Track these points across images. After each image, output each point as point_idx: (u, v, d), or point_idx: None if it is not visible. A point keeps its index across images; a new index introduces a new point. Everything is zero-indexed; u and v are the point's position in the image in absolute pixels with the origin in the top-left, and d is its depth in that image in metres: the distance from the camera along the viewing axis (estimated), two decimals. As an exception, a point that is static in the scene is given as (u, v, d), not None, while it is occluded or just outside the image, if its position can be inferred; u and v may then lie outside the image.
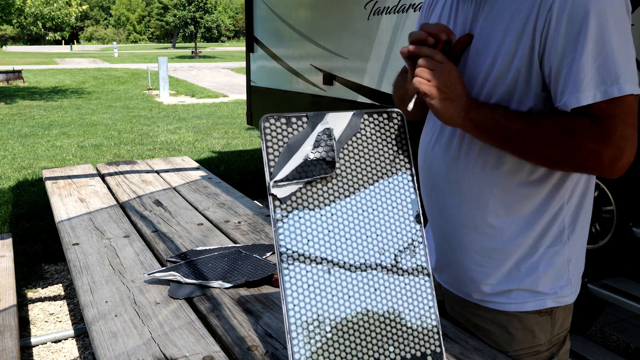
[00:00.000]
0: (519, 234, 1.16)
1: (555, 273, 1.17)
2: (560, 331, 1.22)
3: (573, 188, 1.15)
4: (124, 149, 7.96)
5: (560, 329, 1.22)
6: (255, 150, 7.90)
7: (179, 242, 2.02)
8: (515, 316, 1.19)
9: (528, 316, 1.18)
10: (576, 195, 1.16)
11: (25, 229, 4.50)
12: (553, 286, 1.17)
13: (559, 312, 1.20)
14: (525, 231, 1.16)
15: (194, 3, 51.11)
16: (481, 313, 1.24)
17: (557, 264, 1.17)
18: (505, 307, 1.19)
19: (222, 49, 59.51)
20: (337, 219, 1.08)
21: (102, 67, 27.98)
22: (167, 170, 3.20)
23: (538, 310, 1.18)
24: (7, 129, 9.57)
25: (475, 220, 1.19)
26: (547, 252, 1.16)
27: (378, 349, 1.05)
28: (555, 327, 1.21)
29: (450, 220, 1.24)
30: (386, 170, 1.13)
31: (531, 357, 1.21)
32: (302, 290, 1.03)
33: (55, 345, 2.88)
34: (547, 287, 1.17)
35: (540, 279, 1.17)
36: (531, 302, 1.18)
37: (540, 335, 1.19)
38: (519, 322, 1.19)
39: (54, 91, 16.24)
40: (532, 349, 1.20)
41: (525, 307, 1.18)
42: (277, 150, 1.08)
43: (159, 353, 1.25)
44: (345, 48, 3.62)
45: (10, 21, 15.19)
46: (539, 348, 1.20)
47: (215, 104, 13.59)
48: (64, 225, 2.20)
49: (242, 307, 1.49)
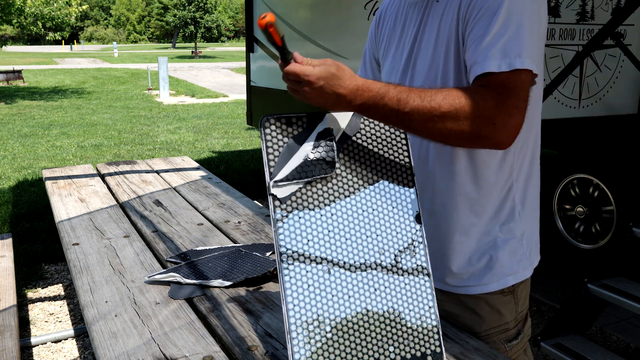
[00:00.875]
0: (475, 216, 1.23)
1: (512, 249, 1.24)
2: (523, 308, 1.30)
3: (520, 166, 1.23)
4: (124, 149, 7.96)
5: (522, 307, 1.30)
6: (255, 150, 7.90)
7: (179, 242, 2.02)
8: (481, 298, 1.25)
9: (493, 297, 1.25)
10: (523, 172, 1.24)
11: (25, 229, 4.50)
12: (511, 262, 1.24)
13: (520, 290, 1.28)
14: (481, 213, 1.23)
15: (194, 3, 51.09)
16: (449, 299, 1.29)
17: (512, 240, 1.24)
18: (470, 290, 1.26)
19: (222, 49, 59.51)
20: (337, 219, 1.08)
21: (102, 67, 27.98)
22: (167, 170, 3.20)
23: (501, 290, 1.25)
24: (7, 129, 9.57)
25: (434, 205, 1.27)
26: (501, 230, 1.23)
27: (378, 349, 1.05)
28: (519, 305, 1.28)
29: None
30: (386, 170, 1.13)
31: (500, 335, 1.27)
32: (302, 290, 1.03)
33: (55, 345, 2.88)
34: (505, 265, 1.24)
35: (498, 257, 1.23)
36: (494, 282, 1.24)
37: (506, 314, 1.27)
38: (485, 304, 1.26)
39: (54, 91, 16.24)
40: (500, 327, 1.27)
41: (489, 287, 1.24)
42: (277, 151, 1.08)
43: (159, 353, 1.25)
44: (345, 48, 3.62)
45: (10, 21, 15.19)
46: (506, 326, 1.28)
47: (215, 104, 13.59)
48: (64, 225, 2.20)
49: (242, 307, 1.49)
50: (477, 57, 1.07)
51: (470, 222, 1.23)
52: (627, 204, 2.68)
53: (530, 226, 1.28)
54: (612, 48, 3.06)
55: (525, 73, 1.04)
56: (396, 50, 1.32)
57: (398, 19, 1.32)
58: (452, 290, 1.28)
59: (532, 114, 1.20)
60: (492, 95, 1.03)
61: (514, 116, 1.02)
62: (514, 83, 1.03)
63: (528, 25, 1.07)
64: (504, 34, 1.05)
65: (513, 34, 1.05)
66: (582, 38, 3.01)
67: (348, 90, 1.03)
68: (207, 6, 51.60)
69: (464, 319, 1.29)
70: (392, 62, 1.33)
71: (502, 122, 1.02)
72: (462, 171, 1.21)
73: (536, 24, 1.09)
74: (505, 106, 1.02)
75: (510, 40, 1.05)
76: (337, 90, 1.02)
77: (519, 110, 1.03)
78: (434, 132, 1.04)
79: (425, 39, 1.22)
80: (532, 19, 1.08)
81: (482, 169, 1.20)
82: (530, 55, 1.05)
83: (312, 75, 1.01)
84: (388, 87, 1.04)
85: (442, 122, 1.02)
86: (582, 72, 3.06)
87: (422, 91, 1.04)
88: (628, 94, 3.23)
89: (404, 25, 1.30)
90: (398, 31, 1.32)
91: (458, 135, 1.03)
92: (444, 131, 1.03)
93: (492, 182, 1.21)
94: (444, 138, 1.06)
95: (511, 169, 1.22)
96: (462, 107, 1.01)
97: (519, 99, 1.03)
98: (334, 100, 1.03)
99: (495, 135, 1.02)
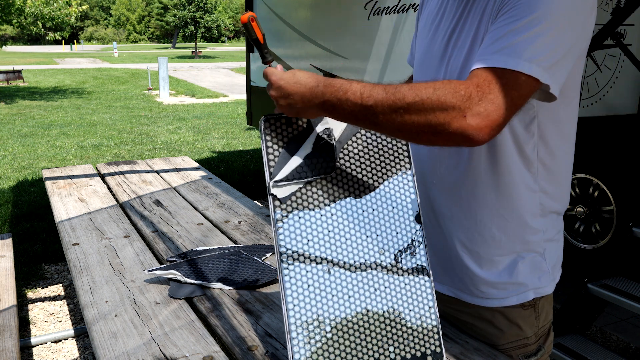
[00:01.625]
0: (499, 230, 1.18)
1: (533, 264, 1.20)
2: (545, 323, 1.25)
3: (547, 186, 1.17)
4: (124, 149, 7.96)
5: (544, 321, 1.25)
6: (255, 150, 7.90)
7: (179, 242, 2.02)
8: (499, 311, 1.21)
9: (512, 310, 1.21)
10: (551, 193, 1.19)
11: (25, 229, 4.50)
12: (532, 277, 1.20)
13: (542, 304, 1.23)
14: (504, 227, 1.18)
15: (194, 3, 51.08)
16: (466, 310, 1.26)
17: (534, 255, 1.20)
18: (489, 302, 1.21)
19: (222, 49, 59.50)
20: (337, 219, 1.08)
21: (102, 67, 27.97)
22: (167, 170, 3.20)
23: (521, 304, 1.20)
24: (7, 129, 9.57)
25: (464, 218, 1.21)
26: (523, 244, 1.19)
27: (378, 349, 1.05)
28: (540, 320, 1.24)
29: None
30: (386, 170, 1.13)
31: (519, 349, 1.23)
32: (302, 290, 1.03)
33: (55, 345, 2.88)
34: (527, 279, 1.19)
35: (520, 271, 1.19)
36: (514, 296, 1.20)
37: (526, 329, 1.22)
38: (503, 317, 1.21)
39: (54, 91, 16.24)
40: (520, 342, 1.23)
41: (508, 301, 1.20)
42: (277, 151, 1.08)
43: (159, 353, 1.25)
44: (345, 48, 3.62)
45: (10, 21, 15.18)
46: (526, 341, 1.23)
47: (215, 104, 13.59)
48: (64, 225, 2.20)
49: (242, 307, 1.49)
50: (480, 54, 1.00)
51: (492, 235, 1.19)
52: (627, 204, 2.68)
53: (553, 244, 1.23)
54: (612, 48, 3.06)
55: (525, 77, 0.96)
56: (432, 42, 1.24)
57: (440, 8, 1.24)
58: (470, 301, 1.24)
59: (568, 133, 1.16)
60: (469, 87, 0.94)
61: (491, 112, 0.93)
62: (503, 81, 0.95)
63: (556, 35, 0.97)
64: (520, 34, 0.97)
65: (530, 37, 0.96)
66: (582, 38, 3.01)
67: (308, 88, 1.03)
68: (207, 6, 51.59)
69: (481, 331, 1.25)
70: (425, 55, 1.26)
71: (475, 116, 0.92)
72: (485, 183, 1.17)
73: (567, 37, 0.98)
74: (483, 100, 0.93)
75: (522, 42, 0.96)
76: (298, 90, 1.03)
77: (498, 107, 0.93)
78: (401, 126, 0.96)
79: (463, 35, 1.15)
80: (565, 30, 0.98)
81: (507, 181, 1.16)
82: (542, 64, 0.96)
83: (275, 75, 1.05)
84: (351, 82, 1.00)
85: (409, 114, 0.94)
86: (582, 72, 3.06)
87: (388, 84, 0.99)
88: (628, 94, 3.23)
89: (442, 17, 1.22)
90: (436, 21, 1.24)
91: (425, 128, 0.95)
92: (410, 124, 0.95)
93: (518, 198, 1.17)
94: (412, 133, 0.97)
95: (540, 189, 1.17)
96: (429, 98, 0.93)
97: (505, 96, 0.94)
98: (298, 99, 1.03)
99: (465, 128, 0.93)
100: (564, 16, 0.97)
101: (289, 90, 1.04)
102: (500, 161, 1.14)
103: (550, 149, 1.15)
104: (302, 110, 1.04)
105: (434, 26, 1.24)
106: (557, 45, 0.97)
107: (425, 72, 1.26)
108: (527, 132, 1.12)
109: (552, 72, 0.97)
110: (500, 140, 1.12)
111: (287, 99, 1.04)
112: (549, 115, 1.12)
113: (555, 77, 0.98)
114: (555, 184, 1.18)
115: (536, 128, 1.12)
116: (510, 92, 0.95)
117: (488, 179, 1.15)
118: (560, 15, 0.97)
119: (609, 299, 2.50)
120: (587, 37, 1.04)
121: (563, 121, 1.15)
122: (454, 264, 1.24)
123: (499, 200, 1.16)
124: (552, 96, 1.00)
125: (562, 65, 0.99)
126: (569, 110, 1.15)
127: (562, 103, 1.09)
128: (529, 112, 1.11)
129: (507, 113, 0.95)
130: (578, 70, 1.12)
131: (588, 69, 3.09)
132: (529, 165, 1.15)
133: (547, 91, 0.99)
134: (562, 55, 0.98)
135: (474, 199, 1.18)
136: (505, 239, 1.18)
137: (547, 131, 1.13)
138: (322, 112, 1.03)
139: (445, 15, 1.21)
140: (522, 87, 0.96)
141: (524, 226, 1.18)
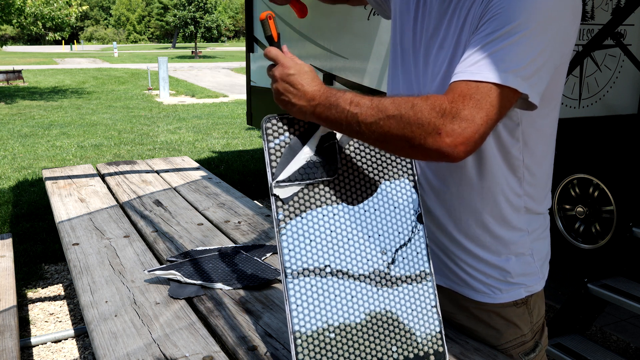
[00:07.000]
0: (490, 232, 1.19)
1: (521, 264, 1.21)
2: (539, 319, 1.27)
3: (533, 193, 1.18)
4: (124, 149, 7.96)
5: (538, 317, 1.26)
6: (255, 150, 7.90)
7: (179, 242, 2.02)
8: (494, 312, 1.22)
9: (506, 310, 1.22)
10: (537, 199, 1.20)
11: (25, 229, 4.50)
12: (522, 276, 1.21)
13: (534, 300, 1.25)
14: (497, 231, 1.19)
15: (194, 3, 51.06)
16: (463, 313, 1.27)
17: (522, 255, 1.21)
18: (483, 297, 1.22)
19: (222, 49, 59.46)
20: (338, 219, 1.08)
21: (102, 67, 27.96)
22: (167, 170, 3.20)
23: (514, 302, 1.22)
24: (7, 129, 9.57)
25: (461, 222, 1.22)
26: (512, 247, 1.20)
27: (381, 349, 1.05)
28: (533, 316, 1.25)
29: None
30: (387, 171, 1.13)
31: (519, 348, 1.24)
32: (305, 291, 1.03)
33: (55, 345, 2.88)
34: (516, 278, 1.21)
35: (509, 271, 1.20)
36: (505, 293, 1.21)
37: (522, 326, 1.24)
38: (499, 317, 1.22)
39: (54, 91, 16.23)
40: (518, 340, 1.24)
41: (501, 298, 1.21)
42: (279, 151, 1.08)
43: (159, 353, 1.25)
44: (345, 48, 3.62)
45: (10, 21, 15.19)
46: (524, 339, 1.24)
47: (215, 104, 13.59)
48: (64, 225, 2.20)
49: (242, 307, 1.49)
50: (458, 66, 0.99)
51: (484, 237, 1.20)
52: (627, 204, 2.68)
53: (540, 242, 1.25)
54: (612, 48, 3.06)
55: (502, 89, 0.94)
56: (413, 39, 1.22)
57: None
58: (463, 302, 1.25)
59: (549, 138, 1.17)
60: (444, 103, 0.94)
61: (465, 129, 0.92)
62: (479, 95, 0.94)
63: (536, 44, 0.96)
64: (498, 44, 0.96)
65: (509, 47, 0.95)
66: (582, 38, 3.01)
67: (312, 89, 1.06)
68: (207, 6, 51.58)
69: (480, 333, 1.26)
70: (405, 53, 1.25)
71: (449, 133, 0.93)
72: (471, 187, 1.17)
73: (548, 45, 0.98)
74: (456, 117, 0.92)
75: (500, 53, 0.95)
76: (304, 88, 1.06)
77: (471, 124, 0.93)
78: (381, 137, 0.98)
79: (447, 40, 1.12)
80: (546, 38, 0.97)
81: (492, 185, 1.16)
82: (520, 73, 0.95)
83: (287, 63, 1.08)
84: (346, 91, 1.05)
85: (388, 127, 0.96)
86: (582, 72, 3.05)
87: (375, 97, 1.01)
88: (628, 94, 3.23)
89: (422, 11, 1.19)
90: (414, 15, 1.21)
91: (403, 142, 0.96)
92: (390, 136, 0.97)
93: (503, 201, 1.18)
94: (392, 146, 0.99)
95: (525, 194, 1.18)
96: (407, 113, 0.95)
97: (479, 111, 0.93)
98: (300, 94, 1.06)
99: (440, 145, 0.93)
100: (545, 24, 0.97)
101: (297, 83, 1.07)
102: (486, 165, 1.14)
103: (534, 154, 1.16)
104: (293, 106, 1.07)
105: (411, 17, 1.21)
106: (537, 54, 0.97)
107: (405, 71, 1.26)
108: (512, 137, 1.12)
109: (531, 82, 0.97)
110: (486, 146, 1.12)
111: (287, 90, 1.07)
112: (531, 120, 1.12)
113: (535, 86, 0.98)
114: (538, 187, 1.20)
115: (521, 134, 1.13)
116: (486, 106, 0.94)
117: (474, 183, 1.16)
118: (542, 23, 0.96)
119: (609, 299, 2.50)
120: (569, 44, 1.04)
121: (545, 126, 1.15)
122: (442, 265, 1.25)
123: (484, 204, 1.17)
124: (532, 105, 1.00)
125: (542, 73, 0.98)
126: (551, 116, 1.15)
127: (544, 109, 1.09)
128: (513, 118, 1.10)
129: (484, 129, 0.94)
130: (560, 77, 1.11)
131: (588, 69, 3.09)
132: (514, 170, 1.15)
133: (526, 100, 0.98)
134: (541, 63, 0.97)
135: (459, 202, 1.18)
136: (492, 241, 1.19)
137: (530, 137, 1.14)
138: (314, 117, 1.06)
139: (427, 10, 1.18)
140: (499, 99, 0.95)
141: (509, 229, 1.18)
